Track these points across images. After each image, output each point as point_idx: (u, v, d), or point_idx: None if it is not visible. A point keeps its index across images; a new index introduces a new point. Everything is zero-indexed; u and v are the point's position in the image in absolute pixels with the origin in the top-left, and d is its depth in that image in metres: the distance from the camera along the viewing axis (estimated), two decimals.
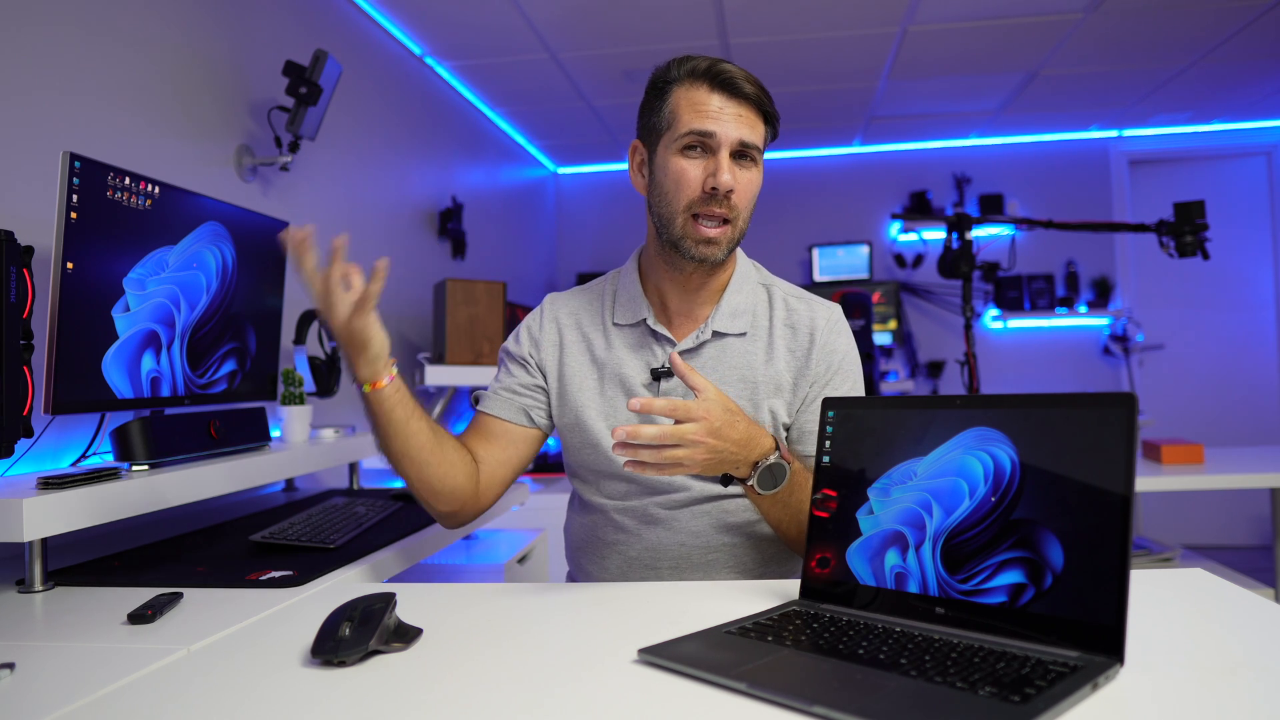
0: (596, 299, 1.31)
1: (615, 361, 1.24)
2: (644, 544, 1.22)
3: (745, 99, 1.16)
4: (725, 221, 1.17)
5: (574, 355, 1.27)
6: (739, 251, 1.29)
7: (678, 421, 0.99)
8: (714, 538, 1.21)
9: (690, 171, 1.15)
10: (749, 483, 1.08)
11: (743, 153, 1.16)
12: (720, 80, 1.15)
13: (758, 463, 1.07)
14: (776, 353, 1.23)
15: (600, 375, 1.25)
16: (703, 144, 1.15)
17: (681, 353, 1.22)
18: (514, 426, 1.27)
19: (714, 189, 1.14)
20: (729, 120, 1.14)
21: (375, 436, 1.17)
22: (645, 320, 1.24)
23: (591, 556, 1.28)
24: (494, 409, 1.28)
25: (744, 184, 1.16)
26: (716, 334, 1.23)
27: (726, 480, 1.11)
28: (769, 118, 1.19)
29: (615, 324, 1.27)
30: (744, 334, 1.24)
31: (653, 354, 1.24)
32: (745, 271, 1.28)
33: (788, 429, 1.24)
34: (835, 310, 1.27)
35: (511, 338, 1.33)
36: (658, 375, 1.22)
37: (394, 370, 1.12)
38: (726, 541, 1.22)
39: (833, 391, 1.22)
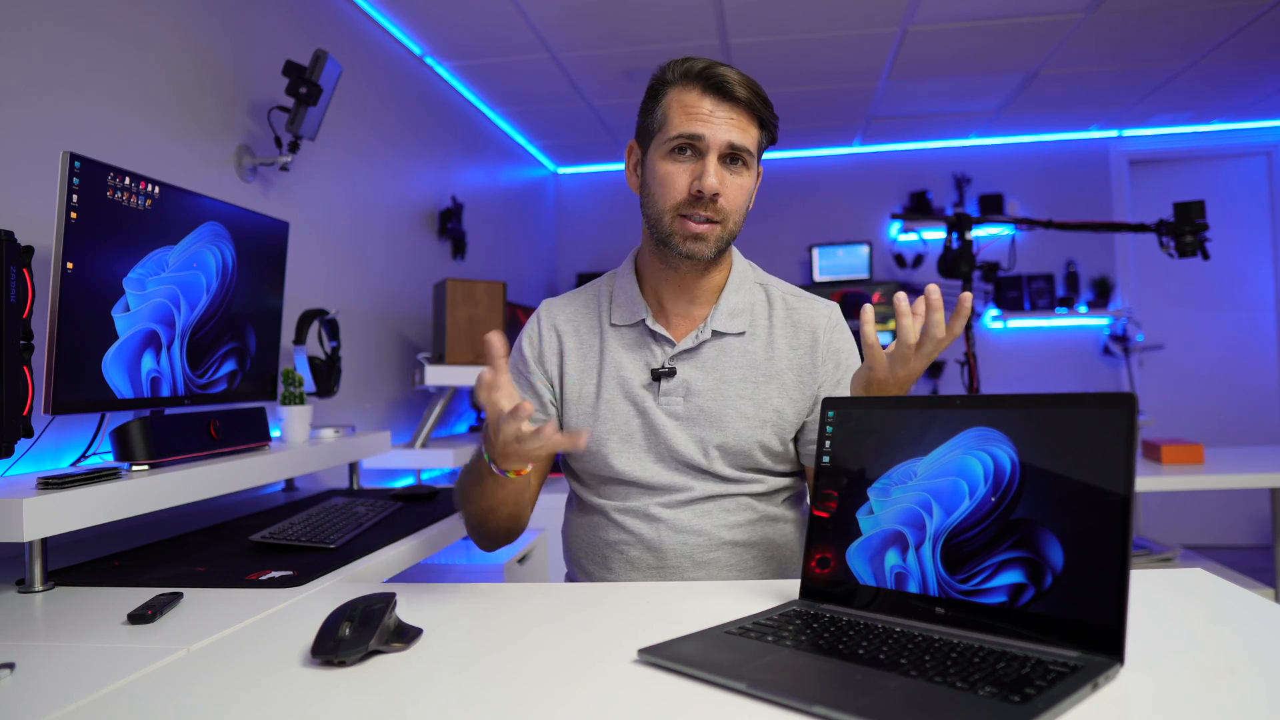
0: (593, 300, 1.31)
1: (614, 363, 1.24)
2: (646, 544, 1.22)
3: (738, 102, 1.14)
4: (713, 221, 1.16)
5: (574, 360, 1.27)
6: (735, 252, 1.29)
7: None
8: (715, 535, 1.21)
9: (677, 175, 1.15)
10: None
11: (733, 156, 1.15)
12: (713, 83, 1.14)
13: None
14: (777, 349, 1.23)
15: (600, 378, 1.25)
16: (692, 147, 1.15)
17: (681, 353, 1.22)
18: None
19: (699, 192, 1.13)
20: (719, 123, 1.13)
21: (478, 502, 1.13)
22: (643, 320, 1.24)
23: (593, 558, 1.28)
24: None
25: (733, 188, 1.16)
26: (716, 333, 1.23)
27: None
28: (764, 123, 1.18)
29: (613, 324, 1.27)
30: (743, 333, 1.24)
31: (651, 354, 1.24)
32: (742, 271, 1.28)
33: (796, 429, 1.23)
34: (834, 309, 1.28)
35: (515, 358, 1.31)
36: (657, 375, 1.22)
37: None
38: (728, 539, 1.22)
39: (842, 392, 1.22)
